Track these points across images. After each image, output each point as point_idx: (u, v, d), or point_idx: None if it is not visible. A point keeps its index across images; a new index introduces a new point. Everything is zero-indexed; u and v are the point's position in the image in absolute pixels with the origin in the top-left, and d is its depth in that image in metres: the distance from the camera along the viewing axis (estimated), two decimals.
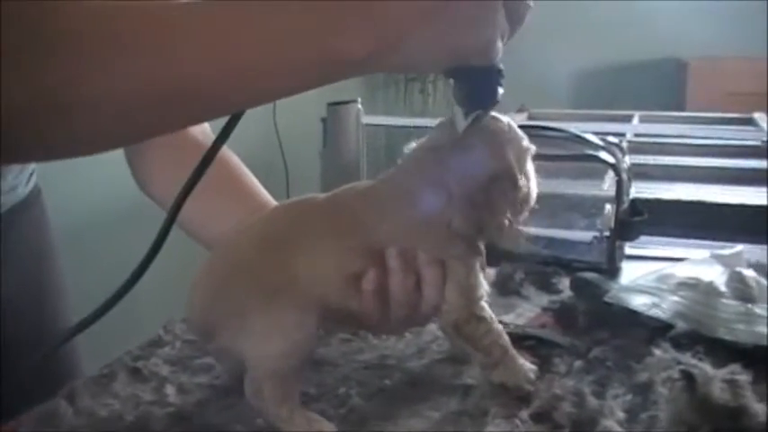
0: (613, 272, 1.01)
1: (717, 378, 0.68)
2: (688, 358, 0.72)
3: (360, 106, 2.13)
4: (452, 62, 0.59)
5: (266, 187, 0.88)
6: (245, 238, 0.68)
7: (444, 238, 0.66)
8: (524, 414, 0.66)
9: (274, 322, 0.63)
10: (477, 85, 0.62)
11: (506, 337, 0.71)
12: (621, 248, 1.05)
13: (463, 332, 0.69)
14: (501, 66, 0.61)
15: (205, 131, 0.87)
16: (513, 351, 0.71)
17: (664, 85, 3.89)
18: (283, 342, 0.63)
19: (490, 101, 0.63)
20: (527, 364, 0.71)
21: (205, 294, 0.67)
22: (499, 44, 0.58)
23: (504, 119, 0.68)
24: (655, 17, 3.88)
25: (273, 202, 0.85)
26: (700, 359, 0.72)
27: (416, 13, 0.54)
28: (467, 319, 0.69)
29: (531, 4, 0.60)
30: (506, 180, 0.66)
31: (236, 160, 0.88)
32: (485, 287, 0.70)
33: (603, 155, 1.01)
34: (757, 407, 0.63)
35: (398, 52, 0.55)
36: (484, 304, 0.70)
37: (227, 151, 0.87)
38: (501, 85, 0.62)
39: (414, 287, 0.67)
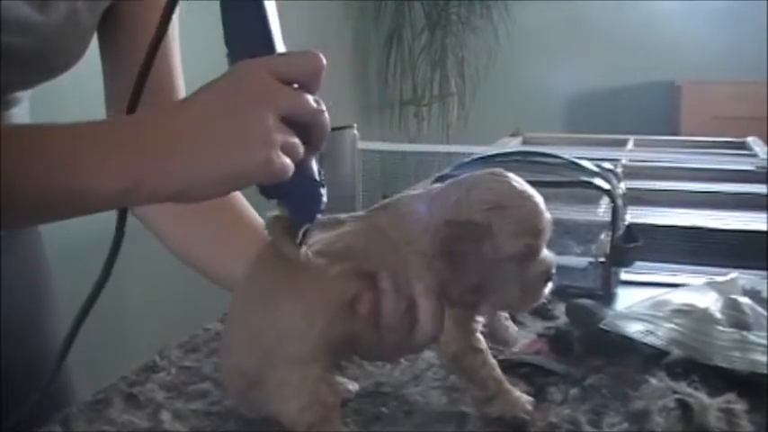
0: (608, 298, 1.01)
1: (713, 407, 0.68)
2: (684, 387, 0.72)
3: (356, 132, 2.12)
4: (234, 185, 0.58)
5: (261, 215, 0.89)
6: (238, 298, 0.67)
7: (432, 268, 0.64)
8: None
9: (285, 382, 0.61)
10: (297, 202, 0.62)
11: (499, 370, 0.70)
12: (617, 274, 1.05)
13: (462, 364, 0.69)
14: (316, 175, 0.61)
15: None
16: (507, 383, 0.70)
17: (657, 107, 3.92)
18: (304, 397, 0.61)
19: (313, 215, 0.62)
20: (524, 396, 0.71)
21: (228, 370, 0.66)
22: (279, 161, 0.56)
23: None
24: (648, 41, 3.92)
25: None
26: (695, 387, 0.72)
27: (175, 145, 0.55)
28: (465, 351, 0.68)
29: (324, 108, 0.58)
30: (473, 239, 0.63)
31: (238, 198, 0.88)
32: (480, 318, 0.70)
33: (599, 181, 1.01)
34: None
35: (166, 185, 0.55)
36: (479, 336, 0.70)
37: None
38: (322, 195, 0.62)
39: (405, 313, 0.64)
